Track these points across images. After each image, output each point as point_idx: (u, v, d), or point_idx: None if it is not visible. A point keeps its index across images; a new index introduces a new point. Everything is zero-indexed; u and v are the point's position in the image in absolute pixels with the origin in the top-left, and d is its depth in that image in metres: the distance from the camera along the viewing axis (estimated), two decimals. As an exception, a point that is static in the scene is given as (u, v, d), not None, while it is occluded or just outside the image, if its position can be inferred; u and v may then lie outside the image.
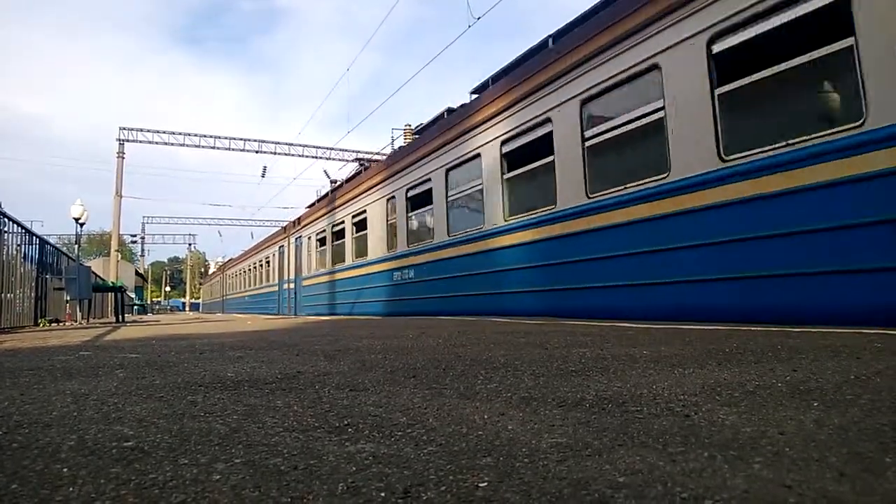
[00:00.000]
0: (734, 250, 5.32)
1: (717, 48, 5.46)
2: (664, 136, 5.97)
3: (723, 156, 5.41)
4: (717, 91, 5.44)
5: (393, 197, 12.65)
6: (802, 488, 0.92)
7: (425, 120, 13.01)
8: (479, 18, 13.24)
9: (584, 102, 7.18)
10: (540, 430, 1.37)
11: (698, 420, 1.42)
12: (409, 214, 12.03)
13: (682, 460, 1.09)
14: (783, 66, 4.88)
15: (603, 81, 6.83)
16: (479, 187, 9.40)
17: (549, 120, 7.76)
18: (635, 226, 6.43)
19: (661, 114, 6.04)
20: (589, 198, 7.10)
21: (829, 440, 1.20)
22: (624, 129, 6.63)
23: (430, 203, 10.97)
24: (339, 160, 34.37)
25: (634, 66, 6.36)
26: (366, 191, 14.28)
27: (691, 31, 5.66)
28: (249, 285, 30.82)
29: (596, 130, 7.05)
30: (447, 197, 10.48)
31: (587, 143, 7.16)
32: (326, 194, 18.75)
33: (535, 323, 6.20)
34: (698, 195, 5.62)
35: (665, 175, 6.00)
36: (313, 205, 20.06)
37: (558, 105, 7.53)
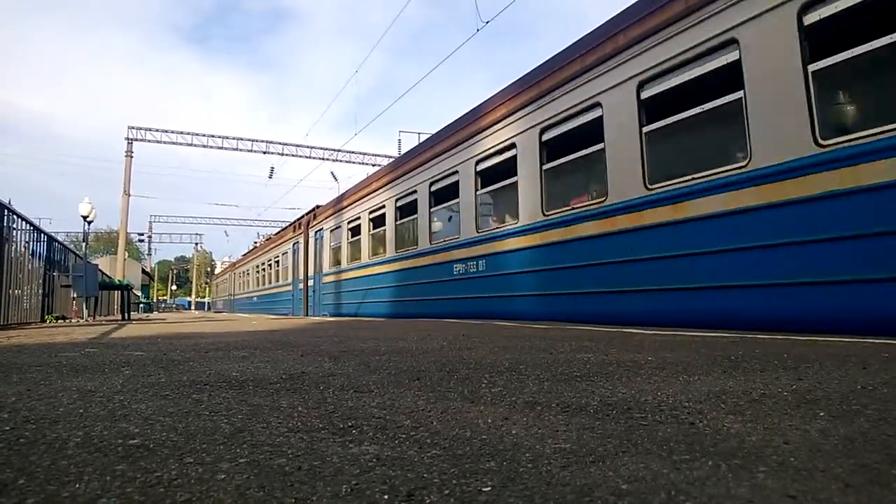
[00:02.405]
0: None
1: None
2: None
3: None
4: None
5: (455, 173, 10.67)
6: (807, 499, 0.91)
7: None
8: (487, 23, 13.28)
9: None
10: (544, 435, 1.37)
11: (703, 428, 1.42)
12: (481, 192, 10.00)
13: (687, 468, 1.08)
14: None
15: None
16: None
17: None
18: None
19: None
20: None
21: (835, 450, 1.19)
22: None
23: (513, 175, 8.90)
24: (347, 162, 34.53)
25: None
26: (411, 170, 12.31)
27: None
28: (260, 284, 29.33)
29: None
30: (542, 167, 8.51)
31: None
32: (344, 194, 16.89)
33: (540, 327, 6.19)
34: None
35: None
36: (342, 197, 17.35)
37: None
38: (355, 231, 15.55)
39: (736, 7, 5.57)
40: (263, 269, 28.43)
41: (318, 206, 20.36)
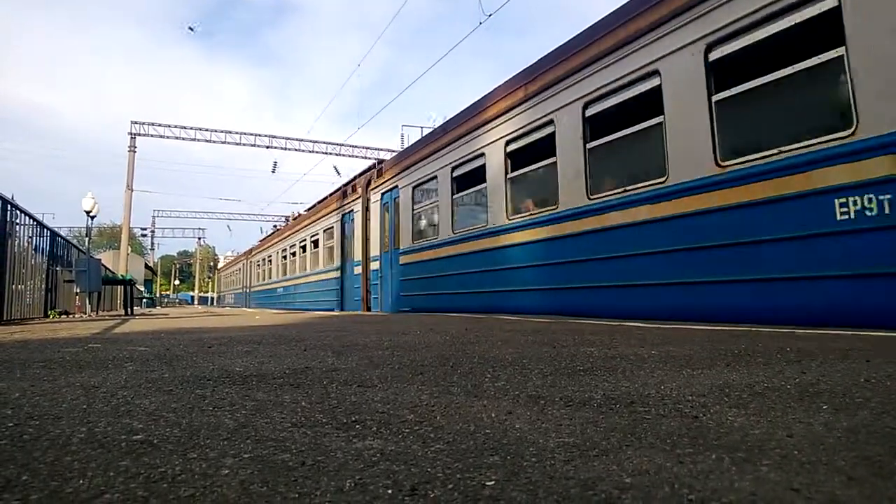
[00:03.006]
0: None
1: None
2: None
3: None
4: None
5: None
6: (810, 491, 0.91)
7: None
8: (490, 15, 13.23)
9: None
10: (547, 429, 1.37)
11: (706, 421, 1.42)
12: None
13: (690, 461, 1.08)
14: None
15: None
16: None
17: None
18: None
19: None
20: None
21: (838, 443, 1.19)
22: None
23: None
24: (350, 156, 34.50)
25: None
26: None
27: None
28: (287, 273, 23.88)
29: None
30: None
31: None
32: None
33: (543, 321, 6.19)
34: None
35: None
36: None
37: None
38: (473, 177, 10.01)
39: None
40: (293, 254, 22.97)
41: (381, 161, 15.70)
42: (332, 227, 17.89)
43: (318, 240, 19.55)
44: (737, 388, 1.86)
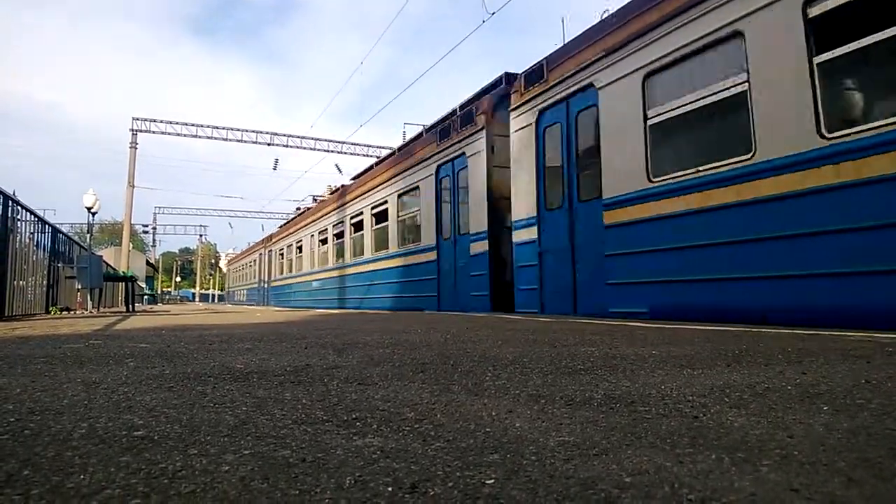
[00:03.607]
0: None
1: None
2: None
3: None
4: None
5: None
6: (810, 492, 0.91)
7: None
8: (493, 14, 13.18)
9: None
10: (548, 428, 1.37)
11: (707, 421, 1.42)
12: None
13: (690, 461, 1.08)
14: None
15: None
16: None
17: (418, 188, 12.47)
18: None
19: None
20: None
21: (838, 444, 1.19)
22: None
23: None
24: (352, 154, 34.47)
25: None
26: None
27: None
28: (332, 261, 18.49)
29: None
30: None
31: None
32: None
33: (543, 321, 6.19)
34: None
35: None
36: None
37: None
38: None
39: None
40: (339, 235, 17.79)
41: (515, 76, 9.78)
42: (418, 188, 12.57)
43: (385, 210, 14.10)
44: (737, 389, 1.86)
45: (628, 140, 7.00)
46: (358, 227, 16.38)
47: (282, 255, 26.09)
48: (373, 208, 15.30)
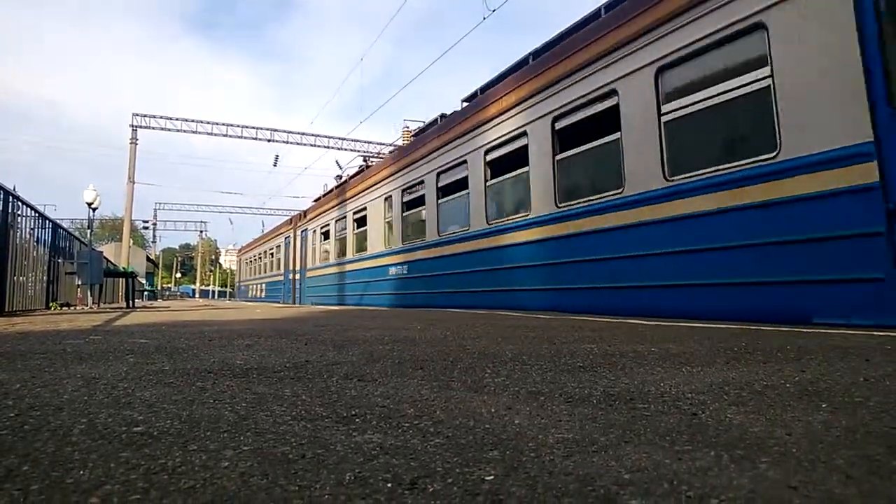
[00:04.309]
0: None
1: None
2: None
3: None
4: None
5: None
6: (808, 489, 0.91)
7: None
8: (493, 11, 13.13)
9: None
10: (547, 424, 1.37)
11: (705, 418, 1.42)
12: None
13: (689, 458, 1.09)
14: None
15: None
16: None
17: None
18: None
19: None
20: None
21: (837, 442, 1.19)
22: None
23: None
24: (351, 150, 34.46)
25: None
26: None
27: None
28: (443, 227, 11.28)
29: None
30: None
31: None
32: None
33: (543, 317, 6.20)
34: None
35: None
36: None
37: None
38: None
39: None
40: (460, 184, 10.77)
41: None
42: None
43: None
44: (736, 386, 1.86)
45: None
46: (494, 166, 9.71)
47: (325, 234, 19.16)
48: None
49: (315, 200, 22.16)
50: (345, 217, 17.11)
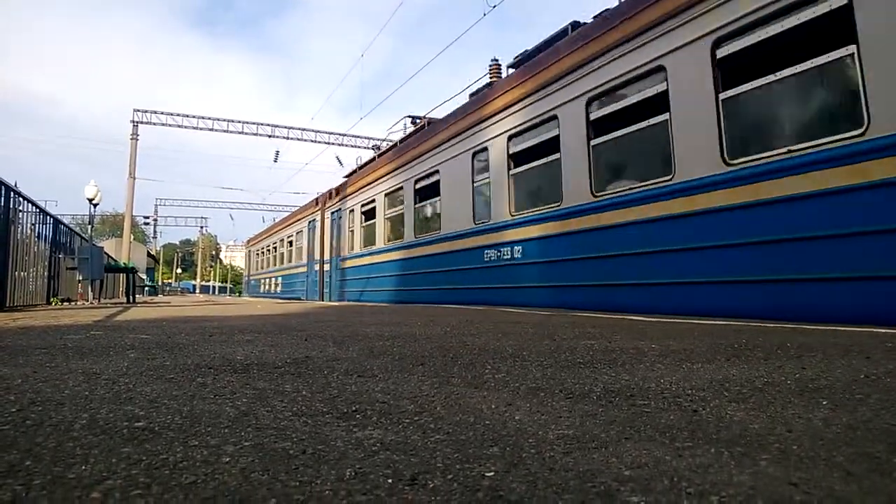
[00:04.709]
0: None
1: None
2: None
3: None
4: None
5: None
6: (809, 486, 0.92)
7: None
8: (494, 7, 13.11)
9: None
10: (547, 421, 1.37)
11: (706, 415, 1.42)
12: None
13: (689, 455, 1.09)
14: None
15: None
16: None
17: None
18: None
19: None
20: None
21: (837, 439, 1.20)
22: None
23: None
24: (352, 146, 34.45)
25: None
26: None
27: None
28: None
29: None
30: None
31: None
32: None
33: (543, 314, 6.20)
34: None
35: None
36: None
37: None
38: None
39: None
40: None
41: None
42: None
43: None
44: (736, 383, 1.86)
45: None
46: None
47: (366, 215, 15.68)
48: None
49: (348, 176, 18.33)
50: (401, 188, 13.45)
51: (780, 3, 5.23)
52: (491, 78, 12.43)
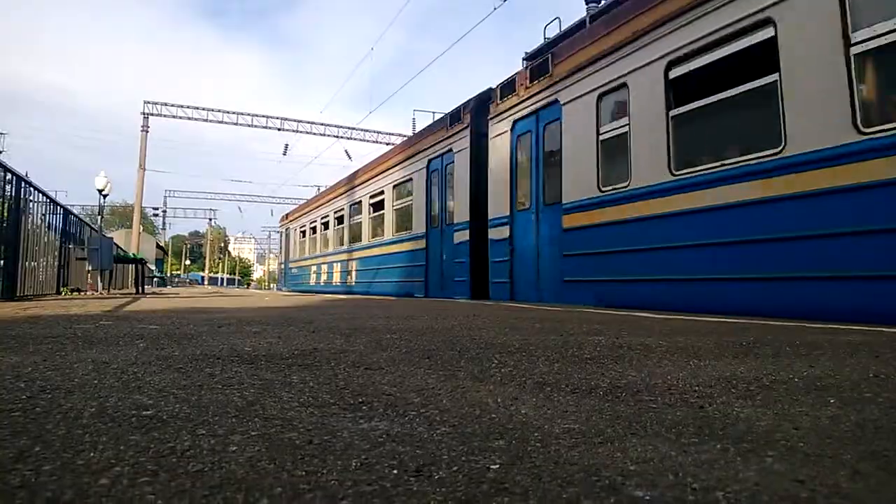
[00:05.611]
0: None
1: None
2: None
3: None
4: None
5: None
6: (815, 484, 0.91)
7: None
8: (504, 1, 13.05)
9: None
10: (553, 415, 1.38)
11: (712, 412, 1.42)
12: None
13: (695, 451, 1.09)
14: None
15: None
16: None
17: None
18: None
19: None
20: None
21: (845, 437, 1.19)
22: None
23: None
24: (361, 140, 34.48)
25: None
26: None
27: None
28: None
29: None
30: None
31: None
32: None
33: (550, 309, 6.19)
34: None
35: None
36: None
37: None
38: None
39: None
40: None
41: None
42: None
43: None
44: (744, 380, 1.85)
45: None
46: None
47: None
48: None
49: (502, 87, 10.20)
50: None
51: None
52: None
